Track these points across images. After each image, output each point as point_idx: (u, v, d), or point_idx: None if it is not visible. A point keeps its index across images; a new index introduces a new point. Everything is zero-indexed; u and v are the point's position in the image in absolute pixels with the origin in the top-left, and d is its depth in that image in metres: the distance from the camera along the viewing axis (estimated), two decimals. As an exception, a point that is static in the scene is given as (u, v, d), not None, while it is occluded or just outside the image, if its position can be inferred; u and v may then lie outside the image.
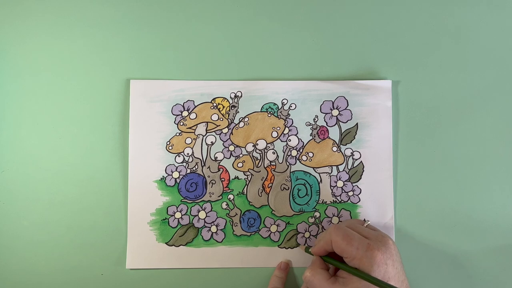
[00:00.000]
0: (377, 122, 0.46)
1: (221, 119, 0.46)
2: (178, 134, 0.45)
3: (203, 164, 0.45)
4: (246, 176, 0.45)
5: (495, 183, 0.46)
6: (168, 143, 0.45)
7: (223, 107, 0.46)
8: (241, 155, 0.45)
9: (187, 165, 0.45)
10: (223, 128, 0.46)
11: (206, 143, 0.46)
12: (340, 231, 0.38)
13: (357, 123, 0.46)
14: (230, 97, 0.46)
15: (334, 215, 0.45)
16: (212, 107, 0.46)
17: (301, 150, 0.46)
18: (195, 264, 0.45)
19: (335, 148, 0.46)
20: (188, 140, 0.45)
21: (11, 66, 0.45)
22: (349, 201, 0.45)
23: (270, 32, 0.46)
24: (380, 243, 0.37)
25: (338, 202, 0.45)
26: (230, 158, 0.45)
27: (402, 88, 0.46)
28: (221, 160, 0.45)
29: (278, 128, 0.46)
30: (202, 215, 0.45)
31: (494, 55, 0.47)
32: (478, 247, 0.46)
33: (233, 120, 0.46)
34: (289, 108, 0.46)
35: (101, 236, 0.45)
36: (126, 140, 0.45)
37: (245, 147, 0.46)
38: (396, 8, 0.47)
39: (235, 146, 0.45)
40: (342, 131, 0.46)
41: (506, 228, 0.46)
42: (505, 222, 0.46)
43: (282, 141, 0.46)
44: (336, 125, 0.46)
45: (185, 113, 0.46)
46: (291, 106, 0.46)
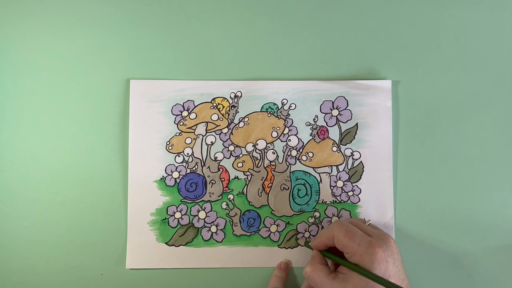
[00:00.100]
0: (377, 122, 0.46)
1: (221, 119, 0.46)
2: (178, 134, 0.45)
3: (203, 164, 0.45)
4: (246, 176, 0.45)
5: (495, 183, 0.46)
6: (168, 143, 0.45)
7: (223, 107, 0.46)
8: (241, 155, 0.45)
9: (187, 165, 0.45)
10: (223, 128, 0.46)
11: (206, 143, 0.46)
12: (342, 227, 0.38)
13: (357, 123, 0.46)
14: (230, 97, 0.46)
15: (334, 215, 0.45)
16: (212, 107, 0.46)
17: (301, 150, 0.46)
18: (195, 264, 0.45)
19: (335, 148, 0.46)
20: (188, 140, 0.45)
21: (11, 66, 0.45)
22: (349, 201, 0.45)
23: (270, 32, 0.46)
24: (381, 240, 0.37)
25: (338, 202, 0.45)
26: (230, 158, 0.45)
27: (402, 88, 0.46)
28: (221, 160, 0.45)
29: (278, 128, 0.46)
30: (202, 215, 0.45)
31: (494, 55, 0.47)
32: (478, 247, 0.46)
33: (233, 120, 0.46)
34: (289, 108, 0.46)
35: (101, 236, 0.45)
36: (126, 140, 0.45)
37: (245, 147, 0.46)
38: (396, 8, 0.47)
39: (235, 146, 0.45)
40: (342, 131, 0.46)
41: (506, 228, 0.46)
42: (505, 222, 0.46)
43: (282, 141, 0.46)
44: (336, 125, 0.46)
45: (185, 113, 0.46)
46: (291, 106, 0.46)
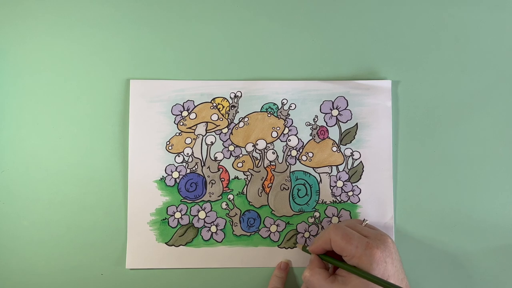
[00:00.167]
0: (377, 122, 0.46)
1: (221, 119, 0.46)
2: (178, 134, 0.45)
3: (203, 164, 0.45)
4: (246, 176, 0.45)
5: (495, 183, 0.46)
6: (168, 143, 0.45)
7: (223, 107, 0.46)
8: (241, 155, 0.45)
9: (187, 165, 0.45)
10: (223, 128, 0.46)
11: (206, 143, 0.46)
12: (339, 230, 0.38)
13: (357, 123, 0.46)
14: (230, 97, 0.46)
15: (334, 215, 0.45)
16: (212, 107, 0.46)
17: (301, 150, 0.46)
18: (195, 264, 0.45)
19: (335, 148, 0.46)
20: (188, 140, 0.45)
21: (11, 66, 0.45)
22: (349, 201, 0.45)
23: (270, 32, 0.46)
24: (379, 241, 0.37)
25: (338, 202, 0.45)
26: (230, 158, 0.45)
27: (402, 88, 0.46)
28: (221, 160, 0.45)
29: (278, 128, 0.46)
30: (202, 215, 0.45)
31: (494, 55, 0.47)
32: (478, 247, 0.46)
33: (233, 120, 0.46)
34: (289, 108, 0.46)
35: (101, 236, 0.45)
36: (126, 140, 0.45)
37: (245, 147, 0.46)
38: (396, 8, 0.47)
39: (235, 146, 0.45)
40: (342, 131, 0.46)
41: (506, 228, 0.46)
42: (505, 222, 0.46)
43: (282, 141, 0.46)
44: (336, 125, 0.46)
45: (185, 113, 0.46)
46: (291, 106, 0.46)
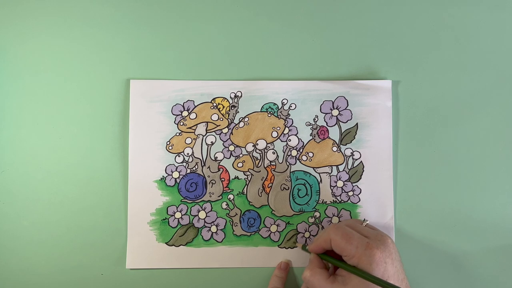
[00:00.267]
0: (377, 122, 0.46)
1: (221, 119, 0.46)
2: (178, 134, 0.45)
3: (203, 164, 0.45)
4: (246, 176, 0.45)
5: (495, 183, 0.46)
6: (168, 143, 0.45)
7: (223, 107, 0.46)
8: (241, 155, 0.45)
9: (187, 165, 0.45)
10: (223, 128, 0.46)
11: (206, 143, 0.46)
12: (339, 230, 0.38)
13: (357, 123, 0.46)
14: (230, 97, 0.46)
15: (334, 215, 0.45)
16: (212, 107, 0.46)
17: (301, 150, 0.46)
18: (195, 264, 0.45)
19: (335, 148, 0.46)
20: (188, 140, 0.45)
21: (11, 66, 0.45)
22: (349, 201, 0.45)
23: (270, 32, 0.46)
24: (379, 242, 0.37)
25: (338, 202, 0.45)
26: (230, 158, 0.45)
27: (402, 88, 0.46)
28: (221, 160, 0.45)
29: (278, 128, 0.46)
30: (202, 215, 0.45)
31: (494, 55, 0.47)
32: (478, 247, 0.46)
33: (233, 120, 0.46)
34: (289, 108, 0.46)
35: (101, 236, 0.45)
36: (126, 140, 0.45)
37: (245, 147, 0.46)
38: (396, 8, 0.47)
39: (235, 146, 0.45)
40: (342, 131, 0.46)
41: (506, 228, 0.46)
42: (505, 222, 0.46)
43: (282, 141, 0.46)
44: (336, 125, 0.46)
45: (185, 113, 0.46)
46: (291, 106, 0.46)
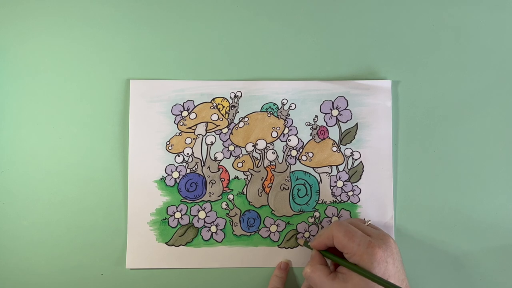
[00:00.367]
0: (377, 122, 0.46)
1: (221, 119, 0.46)
2: (178, 134, 0.45)
3: (203, 164, 0.45)
4: (246, 176, 0.45)
5: (495, 183, 0.46)
6: (168, 143, 0.45)
7: (223, 107, 0.46)
8: (241, 155, 0.45)
9: (187, 165, 0.45)
10: (223, 128, 0.46)
11: (206, 143, 0.46)
12: (342, 227, 0.38)
13: (357, 123, 0.46)
14: (230, 97, 0.46)
15: (334, 215, 0.45)
16: (212, 107, 0.46)
17: (301, 150, 0.46)
18: (195, 264, 0.45)
19: (335, 148, 0.46)
20: (188, 140, 0.45)
21: (11, 66, 0.45)
22: (349, 201, 0.45)
23: (270, 32, 0.46)
24: (381, 241, 0.37)
25: (338, 202, 0.45)
26: (230, 158, 0.45)
27: (402, 88, 0.46)
28: (221, 160, 0.45)
29: (278, 128, 0.46)
30: (202, 215, 0.45)
31: (494, 55, 0.47)
32: (478, 247, 0.46)
33: (233, 120, 0.46)
34: (289, 108, 0.46)
35: (101, 236, 0.45)
36: (126, 140, 0.45)
37: (245, 147, 0.46)
38: (396, 8, 0.47)
39: (235, 146, 0.45)
40: (342, 131, 0.46)
41: (506, 228, 0.46)
42: (505, 222, 0.46)
43: (282, 141, 0.46)
44: (336, 125, 0.46)
45: (185, 113, 0.46)
46: (291, 106, 0.46)
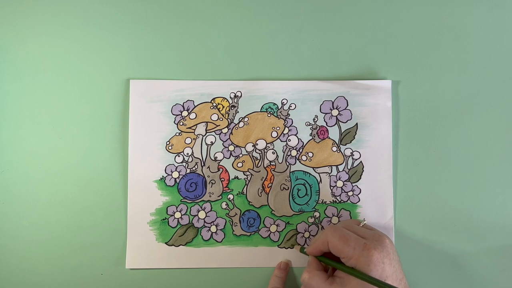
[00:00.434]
0: (377, 122, 0.46)
1: (220, 119, 0.46)
2: (178, 134, 0.45)
3: (202, 164, 0.45)
4: (245, 176, 0.45)
5: (495, 183, 0.46)
6: (168, 143, 0.45)
7: (223, 107, 0.46)
8: (240, 155, 0.45)
9: (187, 165, 0.45)
10: (223, 128, 0.46)
11: (206, 143, 0.46)
12: (336, 232, 0.38)
13: (357, 123, 0.46)
14: (230, 97, 0.46)
15: (333, 215, 0.45)
16: (212, 107, 0.46)
17: (301, 150, 0.46)
18: (195, 264, 0.45)
19: (334, 148, 0.46)
20: (188, 140, 0.45)
21: (11, 66, 0.45)
22: (348, 201, 0.45)
23: (270, 32, 0.46)
24: (376, 242, 0.37)
25: (337, 202, 0.45)
26: (229, 158, 0.45)
27: (402, 88, 0.46)
28: (220, 160, 0.45)
29: (278, 128, 0.46)
30: (202, 215, 0.45)
31: (494, 55, 0.47)
32: (478, 247, 0.46)
33: (232, 120, 0.46)
34: (289, 108, 0.46)
35: (101, 236, 0.45)
36: (126, 140, 0.45)
37: (245, 147, 0.46)
38: (396, 8, 0.47)
39: (235, 146, 0.45)
40: (342, 131, 0.46)
41: (506, 228, 0.46)
42: (505, 222, 0.46)
43: (282, 141, 0.46)
44: (336, 125, 0.46)
45: (185, 113, 0.46)
46: (291, 106, 0.46)
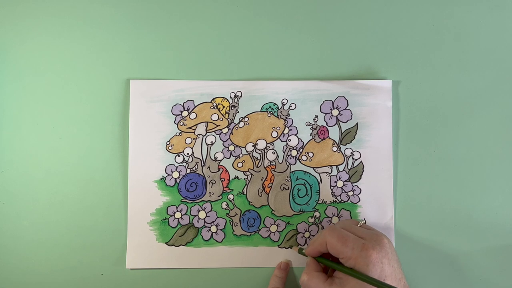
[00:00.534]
0: (377, 122, 0.46)
1: (221, 119, 0.46)
2: (178, 134, 0.45)
3: (203, 164, 0.45)
4: (246, 176, 0.45)
5: (495, 183, 0.46)
6: (168, 143, 0.45)
7: (223, 107, 0.46)
8: (241, 155, 0.45)
9: (187, 165, 0.45)
10: (223, 128, 0.46)
11: (206, 143, 0.46)
12: (334, 232, 0.38)
13: (357, 123, 0.46)
14: (230, 97, 0.46)
15: (334, 215, 0.45)
16: (212, 107, 0.46)
17: (301, 150, 0.46)
18: (195, 264, 0.45)
19: (335, 148, 0.46)
20: (188, 140, 0.45)
21: (11, 66, 0.45)
22: (349, 201, 0.45)
23: (270, 32, 0.46)
24: (375, 242, 0.37)
25: (338, 202, 0.45)
26: (230, 158, 0.45)
27: (402, 88, 0.46)
28: (221, 160, 0.45)
29: (278, 128, 0.46)
30: (202, 215, 0.45)
31: (494, 55, 0.47)
32: (478, 247, 0.46)
33: (233, 120, 0.46)
34: (289, 108, 0.46)
35: (101, 236, 0.45)
36: (126, 140, 0.45)
37: (245, 147, 0.46)
38: (396, 8, 0.47)
39: (235, 146, 0.45)
40: (342, 131, 0.46)
41: (506, 228, 0.46)
42: (505, 222, 0.46)
43: (282, 141, 0.46)
44: (336, 125, 0.46)
45: (185, 113, 0.46)
46: (291, 106, 0.46)
